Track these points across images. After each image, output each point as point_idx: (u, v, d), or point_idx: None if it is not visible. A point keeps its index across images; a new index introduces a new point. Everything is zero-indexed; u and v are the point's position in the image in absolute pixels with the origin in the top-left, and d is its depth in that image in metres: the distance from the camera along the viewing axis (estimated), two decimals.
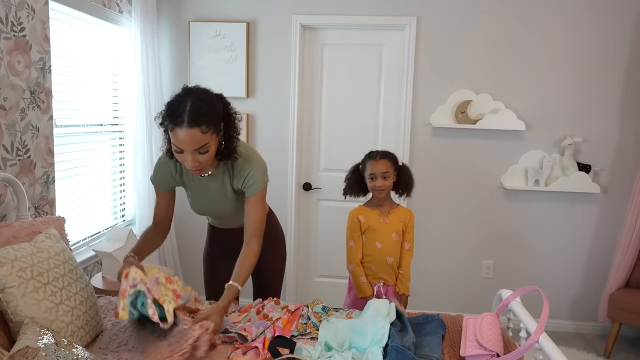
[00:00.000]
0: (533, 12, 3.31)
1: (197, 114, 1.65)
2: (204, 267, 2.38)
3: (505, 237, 3.54)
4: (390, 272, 2.38)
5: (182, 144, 1.67)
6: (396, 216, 2.39)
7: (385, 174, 2.33)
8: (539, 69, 3.36)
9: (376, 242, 2.36)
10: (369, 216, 2.39)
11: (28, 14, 2.22)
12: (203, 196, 2.01)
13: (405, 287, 2.37)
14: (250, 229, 1.93)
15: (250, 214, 1.93)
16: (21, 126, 2.22)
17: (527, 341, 1.55)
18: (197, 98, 1.68)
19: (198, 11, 3.49)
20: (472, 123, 3.37)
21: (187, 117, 1.64)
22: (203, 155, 1.72)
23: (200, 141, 1.67)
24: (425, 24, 3.38)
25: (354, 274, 2.37)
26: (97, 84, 3.00)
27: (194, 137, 1.65)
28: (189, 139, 1.65)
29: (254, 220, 1.93)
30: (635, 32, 3.26)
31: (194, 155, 1.70)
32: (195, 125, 1.64)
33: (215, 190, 1.98)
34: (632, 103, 3.33)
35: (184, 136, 1.65)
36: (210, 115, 1.69)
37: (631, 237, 3.19)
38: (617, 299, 3.15)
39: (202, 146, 1.69)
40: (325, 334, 1.76)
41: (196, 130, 1.65)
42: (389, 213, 2.39)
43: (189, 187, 2.03)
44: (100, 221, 3.08)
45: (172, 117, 1.66)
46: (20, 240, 1.73)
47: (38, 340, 1.29)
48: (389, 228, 2.37)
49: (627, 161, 3.38)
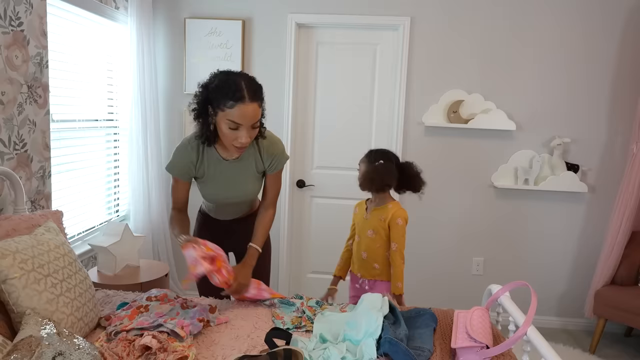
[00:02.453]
0: (524, 15, 3.37)
1: (255, 89, 1.78)
2: None
3: (495, 235, 3.60)
4: (365, 267, 2.40)
5: (244, 118, 1.75)
6: (377, 214, 2.36)
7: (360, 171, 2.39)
8: (529, 71, 3.42)
9: (357, 235, 2.45)
10: (360, 210, 2.47)
11: (26, 9, 2.23)
12: (224, 182, 2.04)
13: (394, 287, 2.32)
14: (269, 197, 2.11)
15: (272, 186, 2.11)
16: (18, 120, 2.23)
17: (516, 333, 1.61)
18: (248, 77, 1.80)
19: (194, 8, 3.51)
20: (464, 123, 3.42)
21: (247, 92, 1.74)
22: (254, 130, 1.83)
23: (257, 115, 1.78)
24: (418, 24, 3.42)
25: None
26: (92, 80, 3.01)
27: (255, 110, 1.76)
28: (251, 113, 1.75)
29: (274, 190, 2.12)
30: (623, 34, 3.34)
31: (249, 130, 1.79)
32: (255, 99, 1.76)
33: (239, 174, 2.04)
34: (620, 104, 3.40)
35: (246, 110, 1.74)
36: (262, 92, 1.82)
37: (617, 235, 3.27)
38: (602, 295, 3.22)
39: (257, 121, 1.79)
40: (320, 327, 1.80)
41: (256, 104, 1.77)
42: (372, 210, 2.39)
43: (208, 175, 2.03)
44: (94, 216, 3.09)
45: (230, 94, 1.73)
46: (20, 233, 1.75)
47: (41, 330, 1.32)
48: (367, 224, 2.38)
49: (614, 161, 3.46)
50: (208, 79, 1.85)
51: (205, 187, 2.08)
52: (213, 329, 1.85)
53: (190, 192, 2.17)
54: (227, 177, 2.02)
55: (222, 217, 2.27)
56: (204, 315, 1.86)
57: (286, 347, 1.57)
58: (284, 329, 1.81)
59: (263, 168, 2.07)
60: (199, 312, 1.85)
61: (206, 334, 1.80)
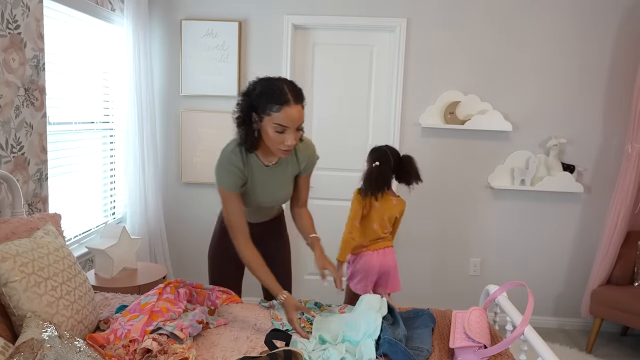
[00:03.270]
0: (519, 17, 3.39)
1: (298, 92, 1.83)
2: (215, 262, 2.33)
3: (491, 235, 3.62)
4: None
5: (291, 121, 1.79)
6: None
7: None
8: (525, 72, 3.44)
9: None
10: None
11: (23, 12, 2.23)
12: (266, 186, 2.06)
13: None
14: (303, 197, 2.23)
15: (305, 187, 2.21)
16: (15, 123, 2.23)
17: (513, 333, 1.62)
18: (289, 81, 1.85)
19: (190, 10, 3.51)
20: (461, 123, 3.44)
21: (291, 95, 1.79)
22: (299, 132, 1.86)
23: (302, 117, 1.83)
24: (415, 25, 3.44)
25: None
26: (88, 82, 3.01)
27: (299, 112, 1.81)
28: (297, 115, 1.80)
29: (306, 192, 2.23)
30: (617, 36, 3.37)
31: (295, 132, 1.82)
32: (299, 102, 1.82)
33: (278, 178, 2.07)
34: (615, 105, 3.43)
35: (294, 113, 1.78)
36: (303, 93, 1.87)
37: (612, 235, 3.30)
38: (599, 295, 3.25)
39: (302, 122, 1.84)
40: (319, 328, 1.80)
41: (300, 106, 1.82)
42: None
43: (253, 182, 2.03)
44: (90, 218, 3.08)
45: (276, 98, 1.78)
46: (19, 236, 1.75)
47: (42, 332, 1.32)
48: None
49: (610, 162, 3.49)
50: (248, 86, 1.89)
51: (249, 193, 2.06)
52: (212, 330, 1.86)
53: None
54: (269, 183, 2.06)
55: (253, 220, 2.23)
56: (204, 318, 1.86)
57: (286, 349, 1.58)
58: (284, 330, 1.81)
59: (298, 170, 2.13)
60: (199, 314, 1.86)
61: (206, 336, 1.80)
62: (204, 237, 3.73)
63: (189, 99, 3.59)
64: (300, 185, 2.19)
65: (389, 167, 2.56)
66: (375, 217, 2.63)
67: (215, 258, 2.32)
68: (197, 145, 3.60)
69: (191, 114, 3.57)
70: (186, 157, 3.61)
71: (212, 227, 3.64)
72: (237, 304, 2.13)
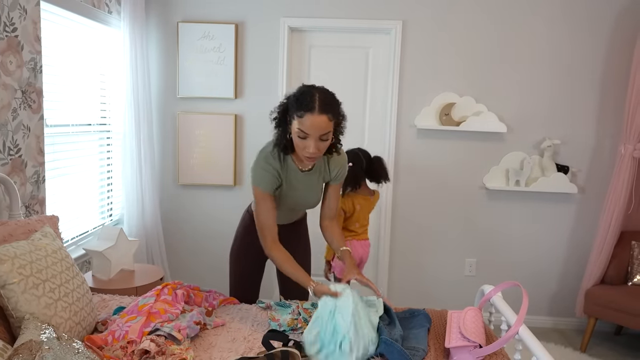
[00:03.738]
0: (513, 19, 3.42)
1: (327, 103, 1.85)
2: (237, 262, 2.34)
3: (487, 235, 3.65)
4: None
5: (311, 128, 1.81)
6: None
7: None
8: (519, 74, 3.47)
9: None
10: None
11: (20, 15, 2.24)
12: (299, 190, 2.08)
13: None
14: (333, 207, 2.21)
15: (334, 197, 2.21)
16: (13, 126, 2.23)
17: (507, 332, 1.64)
18: (324, 91, 1.89)
19: (187, 12, 3.53)
20: (456, 125, 3.47)
21: (318, 104, 1.81)
22: (323, 142, 1.87)
23: (325, 128, 1.83)
24: (410, 28, 3.46)
25: None
26: (85, 84, 3.01)
27: (322, 122, 1.82)
28: (317, 124, 1.81)
29: (335, 202, 2.22)
30: (611, 37, 3.40)
31: (317, 141, 1.84)
32: (324, 112, 1.82)
33: (311, 184, 2.10)
34: (608, 106, 3.47)
35: (314, 121, 1.80)
36: (335, 107, 1.90)
37: (606, 235, 3.33)
38: (593, 295, 3.27)
39: (325, 133, 1.85)
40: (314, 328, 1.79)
41: (324, 117, 1.82)
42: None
43: (289, 184, 2.05)
44: (87, 220, 3.09)
45: (303, 104, 1.81)
46: (17, 238, 1.76)
47: (41, 334, 1.33)
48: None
49: (603, 162, 3.52)
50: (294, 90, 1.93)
51: (283, 196, 2.08)
52: (210, 331, 1.87)
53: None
54: (302, 187, 2.08)
55: (281, 221, 2.22)
56: (201, 319, 1.88)
57: (283, 349, 1.59)
58: (281, 331, 1.83)
59: (329, 178, 2.15)
60: (196, 315, 1.87)
61: (203, 337, 1.82)
62: (200, 239, 3.75)
63: (185, 101, 3.60)
64: (329, 195, 2.20)
65: (360, 167, 2.79)
66: (360, 217, 2.85)
67: (238, 257, 2.33)
68: (194, 147, 3.61)
69: (188, 116, 3.59)
70: (183, 158, 3.62)
71: (208, 228, 3.71)
72: (235, 305, 2.15)
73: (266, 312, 2.07)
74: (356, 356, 1.59)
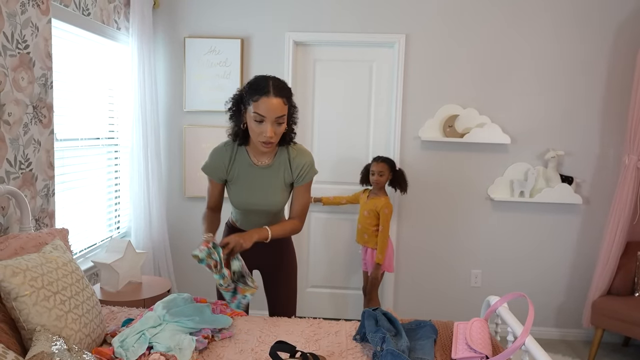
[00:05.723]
0: (516, 31, 3.46)
1: (281, 88, 1.96)
2: None
3: (492, 247, 3.65)
4: (360, 235, 3.34)
5: (267, 111, 1.91)
6: (373, 201, 3.25)
7: (380, 172, 3.23)
8: (522, 85, 3.50)
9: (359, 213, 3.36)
10: (364, 194, 3.37)
11: (32, 32, 2.29)
12: (253, 187, 2.12)
13: (377, 257, 3.21)
14: (295, 209, 2.19)
15: (298, 199, 2.19)
16: (24, 140, 2.28)
17: (514, 343, 1.64)
18: (277, 78, 2.00)
19: (193, 27, 3.59)
20: (460, 137, 3.49)
21: (272, 88, 1.93)
22: (279, 126, 1.97)
23: (281, 110, 1.94)
24: (413, 41, 3.51)
25: None
26: (94, 99, 3.07)
27: (278, 104, 1.92)
28: (273, 107, 1.91)
29: (300, 204, 2.19)
30: (614, 49, 3.43)
31: (273, 124, 1.94)
32: (279, 95, 1.93)
33: (268, 181, 2.13)
34: (612, 117, 3.48)
35: (270, 104, 1.91)
36: (288, 92, 2.00)
37: (612, 246, 3.32)
38: (599, 305, 3.26)
39: (280, 116, 1.94)
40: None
41: (279, 100, 1.93)
42: (371, 197, 3.28)
43: (239, 178, 2.13)
44: (95, 233, 3.12)
45: (258, 89, 1.93)
46: (28, 251, 1.79)
47: (52, 345, 1.35)
48: (366, 206, 3.29)
49: (608, 173, 3.53)
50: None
51: (233, 190, 2.17)
52: (217, 343, 1.88)
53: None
54: (255, 183, 2.12)
55: (248, 228, 2.26)
56: (209, 332, 1.89)
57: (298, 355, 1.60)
58: (287, 344, 1.84)
59: (291, 179, 2.17)
60: (203, 328, 1.88)
61: (211, 349, 1.83)
62: None
63: (192, 115, 3.64)
64: (294, 197, 2.22)
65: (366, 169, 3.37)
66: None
67: None
68: (200, 159, 3.64)
69: (194, 129, 3.63)
70: (189, 171, 3.66)
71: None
72: (241, 317, 2.16)
73: (268, 325, 2.08)
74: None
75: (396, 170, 3.29)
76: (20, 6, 2.19)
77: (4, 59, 2.11)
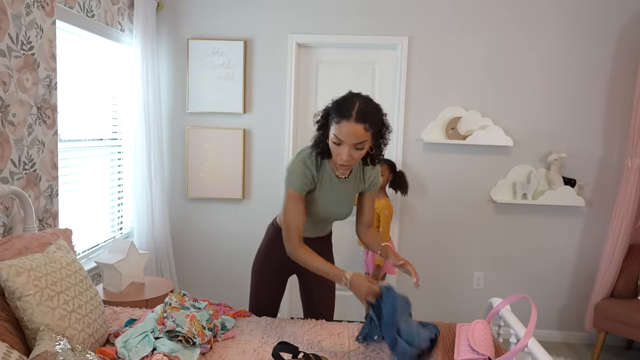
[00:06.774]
0: (520, 34, 3.47)
1: (365, 113, 1.82)
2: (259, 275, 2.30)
3: (495, 249, 3.65)
4: None
5: (346, 136, 1.82)
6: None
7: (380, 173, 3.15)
8: (525, 87, 3.50)
9: None
10: None
11: (37, 34, 2.30)
12: (332, 198, 2.07)
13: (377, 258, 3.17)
14: (369, 217, 2.22)
15: (370, 206, 2.21)
16: (28, 141, 2.29)
17: (517, 345, 1.64)
18: (366, 100, 1.87)
19: (197, 29, 3.60)
20: (462, 139, 3.49)
21: (355, 113, 1.80)
22: (358, 151, 1.87)
23: (360, 137, 1.82)
24: (416, 43, 3.51)
25: None
26: (98, 100, 3.08)
27: (357, 131, 1.81)
28: (352, 133, 1.81)
29: (371, 211, 2.23)
30: (616, 51, 3.43)
31: (350, 149, 1.84)
32: (360, 122, 1.81)
33: (345, 192, 2.10)
34: (614, 119, 3.48)
35: (349, 129, 1.80)
36: (374, 118, 1.86)
37: (615, 248, 3.32)
38: (602, 308, 3.25)
39: (360, 142, 1.83)
40: None
41: (360, 126, 1.80)
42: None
43: (322, 189, 2.05)
44: (98, 233, 3.13)
45: (341, 111, 1.83)
46: (32, 251, 1.80)
47: (55, 345, 1.35)
48: None
49: (610, 175, 3.52)
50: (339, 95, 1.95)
51: (315, 201, 2.07)
52: (220, 344, 1.89)
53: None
54: (334, 194, 2.07)
55: (312, 234, 2.22)
56: (211, 336, 1.89)
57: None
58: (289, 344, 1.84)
59: (362, 188, 2.15)
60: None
61: (214, 350, 1.83)
62: (209, 252, 3.77)
63: (195, 116, 3.65)
64: (364, 203, 2.19)
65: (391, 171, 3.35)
66: None
67: (260, 273, 2.29)
68: (203, 161, 3.66)
69: (197, 131, 3.64)
70: (192, 172, 3.67)
71: (216, 241, 3.74)
72: (244, 317, 2.16)
73: (274, 326, 2.08)
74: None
75: (396, 171, 3.29)
76: (25, 8, 2.21)
77: (8, 60, 2.12)
